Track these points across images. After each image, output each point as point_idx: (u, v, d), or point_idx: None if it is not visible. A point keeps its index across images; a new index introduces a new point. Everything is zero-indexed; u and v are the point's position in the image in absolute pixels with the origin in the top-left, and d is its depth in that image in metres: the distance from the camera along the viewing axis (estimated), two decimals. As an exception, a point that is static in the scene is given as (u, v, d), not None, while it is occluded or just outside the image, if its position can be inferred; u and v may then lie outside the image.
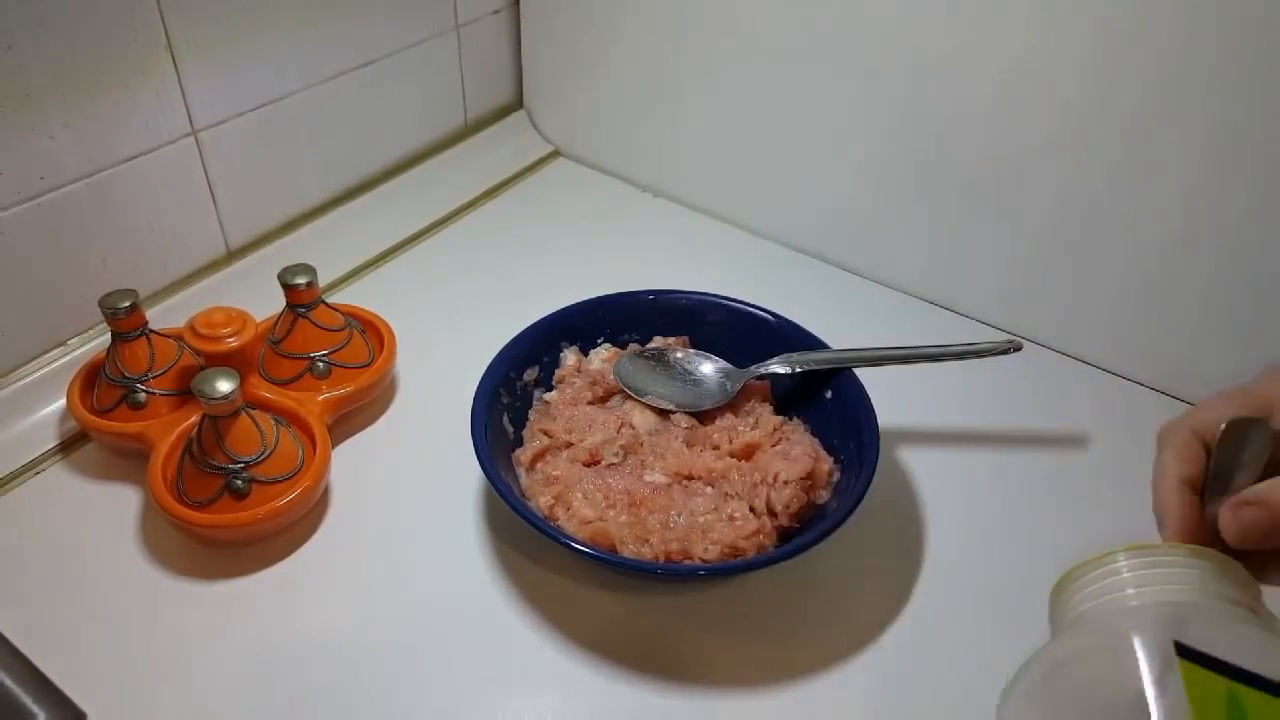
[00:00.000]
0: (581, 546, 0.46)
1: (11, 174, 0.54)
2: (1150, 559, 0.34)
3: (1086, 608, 0.35)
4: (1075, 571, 0.36)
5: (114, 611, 0.48)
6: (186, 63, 0.60)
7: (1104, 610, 0.34)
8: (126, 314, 0.53)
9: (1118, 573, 0.35)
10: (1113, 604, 0.34)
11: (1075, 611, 0.35)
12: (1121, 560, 0.35)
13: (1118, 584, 0.34)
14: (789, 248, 0.76)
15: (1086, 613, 0.35)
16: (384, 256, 0.74)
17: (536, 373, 0.57)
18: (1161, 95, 0.55)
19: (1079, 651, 0.34)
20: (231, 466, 0.50)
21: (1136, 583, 0.34)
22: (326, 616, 0.49)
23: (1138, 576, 0.34)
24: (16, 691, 0.41)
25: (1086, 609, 0.35)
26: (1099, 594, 0.35)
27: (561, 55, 0.83)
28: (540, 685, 0.46)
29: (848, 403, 0.53)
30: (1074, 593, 0.36)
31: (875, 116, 0.67)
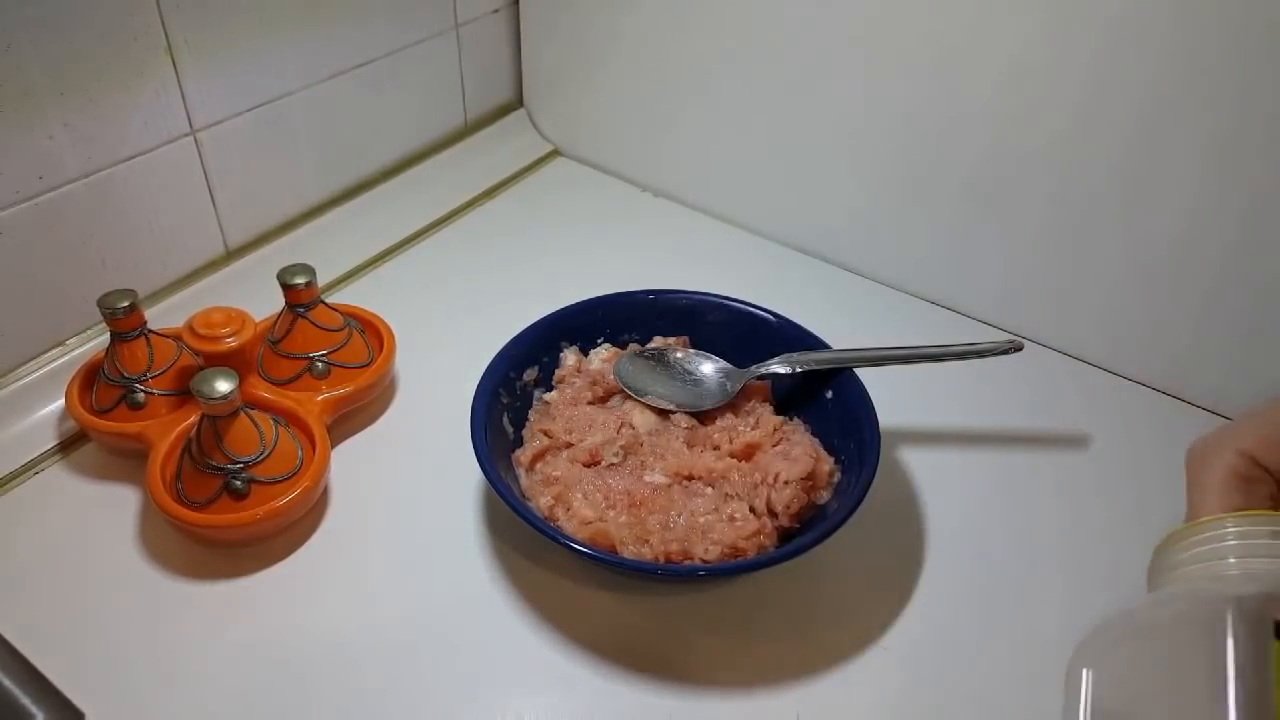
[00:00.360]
0: (581, 547, 0.46)
1: (11, 174, 0.54)
2: (1261, 526, 0.32)
3: (1183, 571, 0.33)
4: (1181, 532, 0.34)
5: (113, 612, 0.48)
6: (186, 63, 0.60)
7: (1200, 576, 0.32)
8: (125, 314, 0.53)
9: (1222, 539, 0.33)
10: (1211, 570, 0.32)
11: (1173, 574, 0.34)
12: (1229, 526, 0.33)
13: (1220, 550, 0.32)
14: (789, 248, 0.76)
15: (1182, 576, 0.33)
16: (383, 256, 0.74)
17: (536, 373, 0.57)
18: (1161, 95, 0.55)
19: (1166, 617, 0.33)
20: (230, 467, 0.50)
21: (1240, 552, 0.32)
22: (326, 617, 0.49)
23: (1243, 546, 0.32)
24: (15, 691, 0.41)
25: (1183, 572, 0.33)
26: (1200, 558, 0.33)
27: (561, 54, 0.83)
28: (540, 685, 0.46)
29: (848, 403, 0.53)
30: (1176, 553, 0.34)
31: (876, 116, 0.67)
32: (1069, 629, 0.47)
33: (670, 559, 0.47)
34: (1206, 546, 0.33)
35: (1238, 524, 0.33)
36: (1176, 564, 0.34)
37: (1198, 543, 0.34)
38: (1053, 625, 0.49)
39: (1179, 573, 0.34)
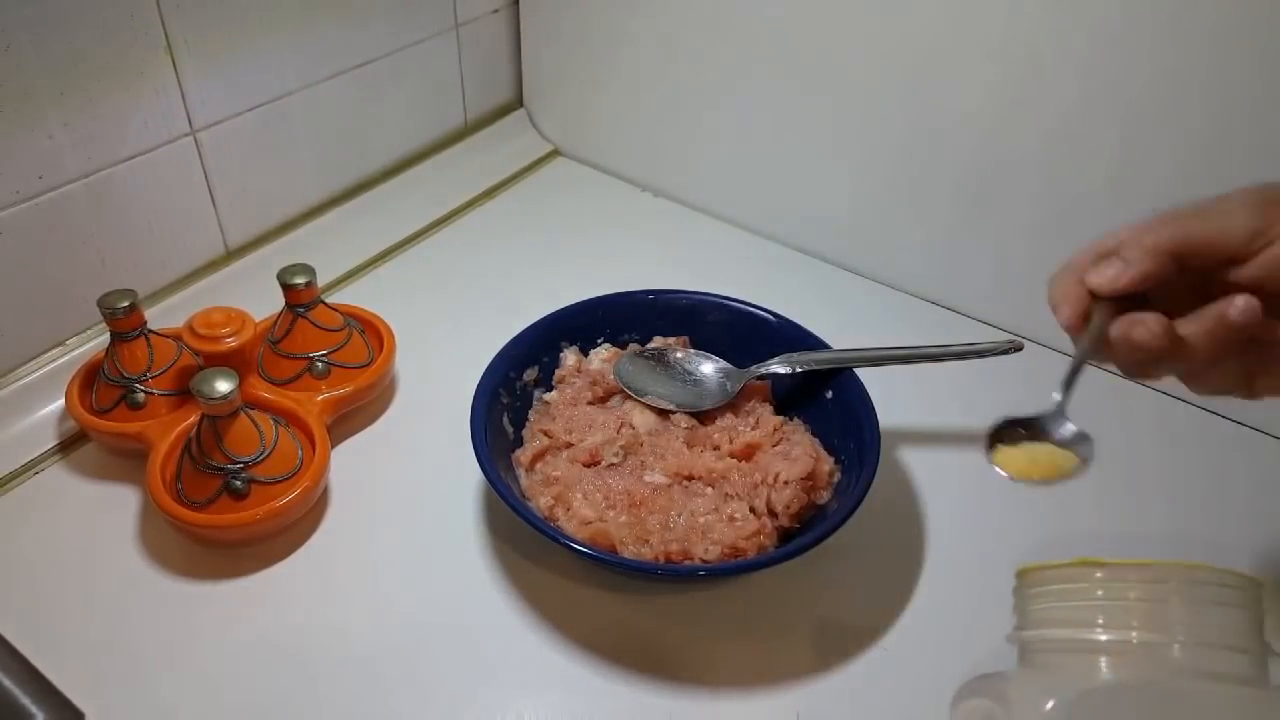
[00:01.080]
0: (581, 547, 0.46)
1: (10, 174, 0.54)
2: (1128, 580, 0.33)
3: (1047, 615, 0.34)
4: (1048, 572, 0.35)
5: (112, 611, 0.48)
6: (186, 63, 0.60)
7: (1062, 635, 0.33)
8: (125, 314, 0.53)
9: (1089, 593, 0.33)
10: (1075, 633, 0.33)
11: (1038, 612, 0.35)
12: (1098, 576, 0.34)
13: (1086, 611, 0.33)
14: (789, 248, 0.76)
15: (1046, 619, 0.34)
16: (383, 256, 0.74)
17: (536, 373, 0.57)
18: (1157, 95, 0.55)
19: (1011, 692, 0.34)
20: (230, 467, 0.50)
21: (1107, 615, 0.33)
22: (325, 617, 0.49)
23: (1110, 607, 0.33)
24: (15, 691, 0.41)
25: (1047, 616, 0.34)
26: (1066, 612, 0.33)
27: (561, 54, 0.83)
28: (540, 685, 0.46)
29: (848, 403, 0.53)
30: (1043, 591, 0.35)
31: (876, 116, 0.67)
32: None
33: (670, 559, 0.47)
34: (1074, 602, 0.34)
35: (1105, 575, 0.34)
36: (1042, 602, 0.35)
37: (1063, 593, 0.34)
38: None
39: (1043, 614, 0.35)
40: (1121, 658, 0.33)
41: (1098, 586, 0.34)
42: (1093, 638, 0.33)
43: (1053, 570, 0.36)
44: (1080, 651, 0.34)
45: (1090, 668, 0.33)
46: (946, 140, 0.64)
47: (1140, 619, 0.33)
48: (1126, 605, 0.33)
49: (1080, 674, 0.33)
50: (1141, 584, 0.33)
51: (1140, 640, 0.33)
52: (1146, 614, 0.33)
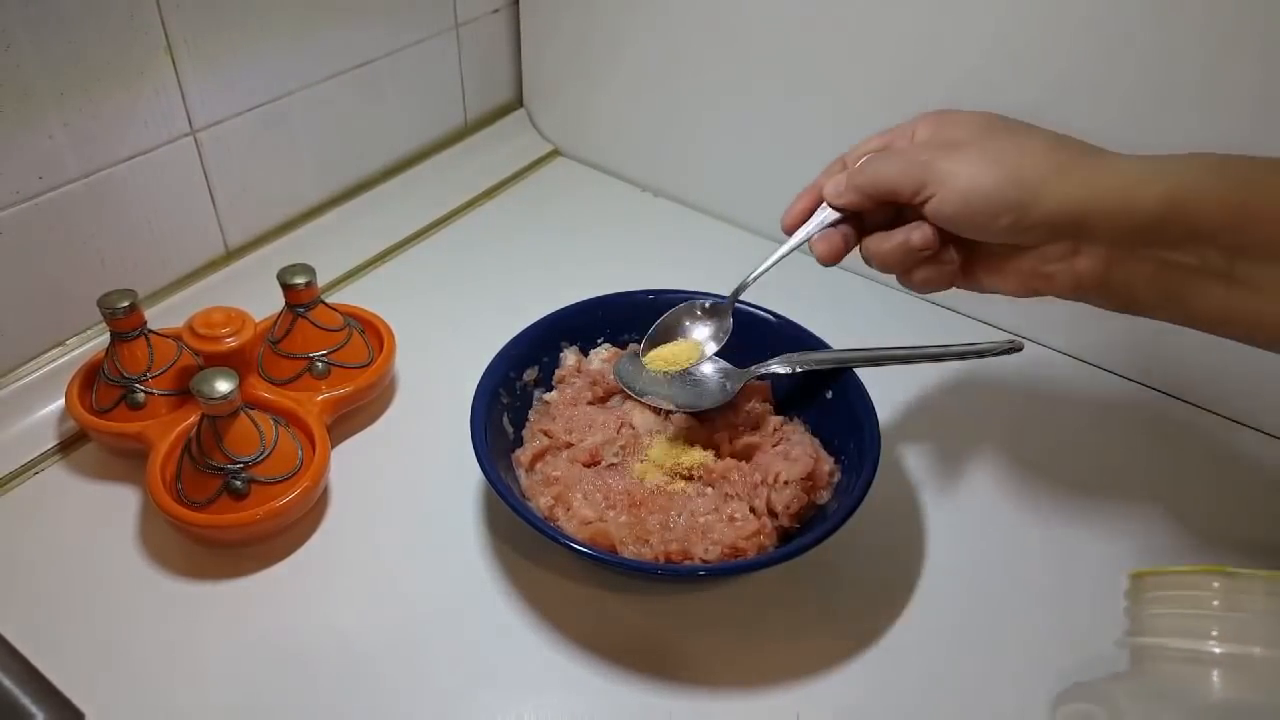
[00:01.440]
0: (581, 547, 0.46)
1: (10, 174, 0.54)
2: (1249, 594, 0.32)
3: (1161, 622, 0.33)
4: (1164, 578, 0.34)
5: (112, 611, 0.48)
6: (186, 62, 0.60)
7: (1175, 643, 0.32)
8: (125, 314, 0.53)
9: (1206, 603, 0.32)
10: (1189, 643, 0.32)
11: (1152, 620, 0.34)
12: (1216, 584, 0.32)
13: (1203, 623, 0.32)
14: (789, 247, 0.76)
15: (1159, 627, 0.33)
16: (383, 256, 0.74)
17: (536, 373, 0.57)
18: (1158, 90, 0.55)
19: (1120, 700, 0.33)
20: (230, 467, 0.50)
21: (1223, 629, 0.31)
22: (325, 617, 0.49)
23: (1228, 620, 0.31)
24: (15, 691, 0.41)
25: (1160, 623, 0.33)
26: (1179, 620, 0.33)
27: (561, 54, 0.83)
28: (540, 685, 0.46)
29: (848, 403, 0.53)
30: (1156, 597, 0.34)
31: (876, 115, 0.67)
32: (1067, 628, 0.48)
33: (670, 559, 0.47)
34: (1192, 610, 0.33)
35: (1224, 585, 0.32)
36: (1155, 608, 0.34)
37: (1178, 599, 0.33)
38: (1052, 624, 0.49)
39: (1156, 622, 0.34)
40: (1241, 673, 0.31)
41: (1216, 596, 0.33)
42: (1210, 649, 0.32)
43: (1171, 576, 0.35)
44: (1197, 663, 0.33)
45: (1206, 681, 0.32)
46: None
47: (1263, 632, 0.32)
48: (1248, 617, 0.32)
49: (1197, 687, 0.32)
50: (1266, 596, 0.32)
51: (1262, 656, 0.31)
52: (1270, 628, 0.32)
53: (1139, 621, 0.36)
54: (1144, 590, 0.36)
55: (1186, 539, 0.53)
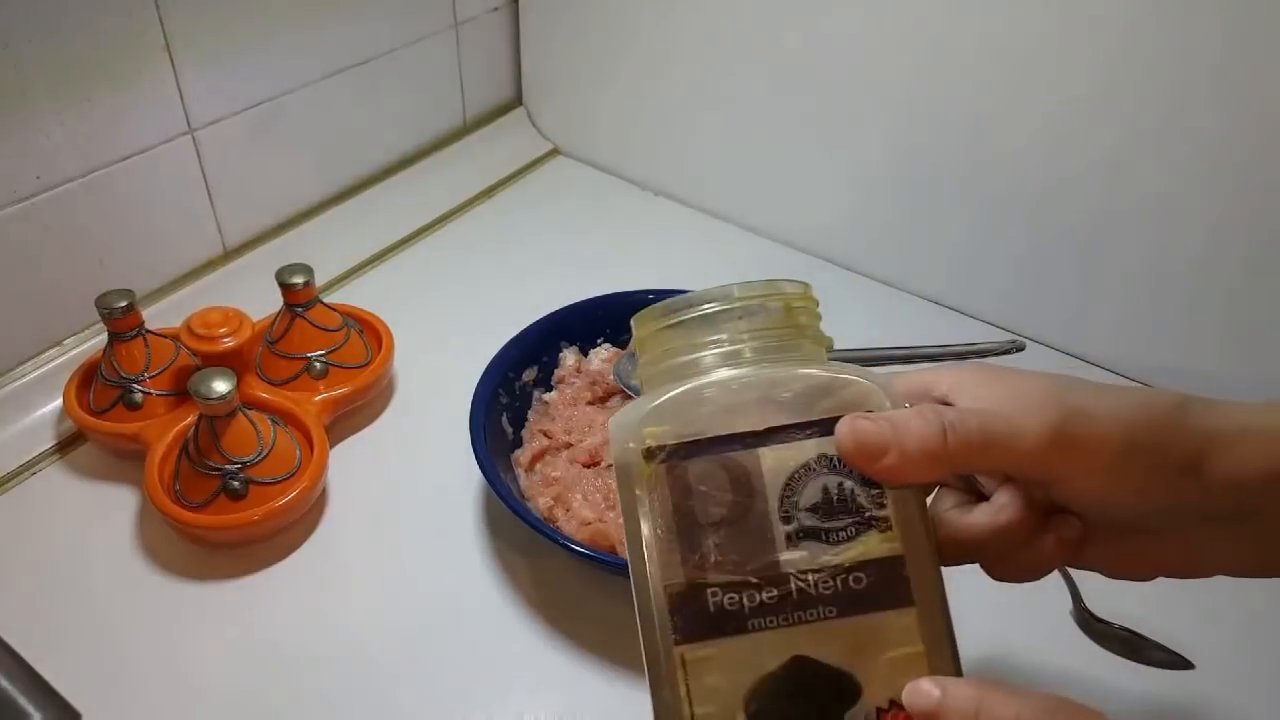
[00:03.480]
0: (581, 548, 0.46)
1: (8, 173, 0.54)
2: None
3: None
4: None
5: (110, 612, 0.48)
6: (184, 61, 0.60)
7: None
8: (123, 314, 0.53)
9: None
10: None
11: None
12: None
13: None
14: (789, 247, 0.76)
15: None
16: (382, 255, 0.74)
17: (536, 373, 0.57)
18: (1168, 94, 0.55)
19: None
20: (228, 467, 0.49)
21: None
22: (324, 617, 0.48)
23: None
24: (11, 692, 0.40)
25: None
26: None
27: (561, 53, 0.83)
28: (540, 685, 0.46)
29: (848, 403, 0.53)
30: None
31: (876, 114, 0.67)
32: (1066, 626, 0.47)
33: (670, 560, 0.47)
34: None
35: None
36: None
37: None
38: (1051, 623, 0.49)
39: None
40: None
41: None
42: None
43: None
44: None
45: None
46: (947, 140, 0.64)
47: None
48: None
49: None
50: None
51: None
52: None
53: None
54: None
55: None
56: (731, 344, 0.32)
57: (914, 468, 0.29)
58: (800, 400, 0.30)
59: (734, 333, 0.32)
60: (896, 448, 0.29)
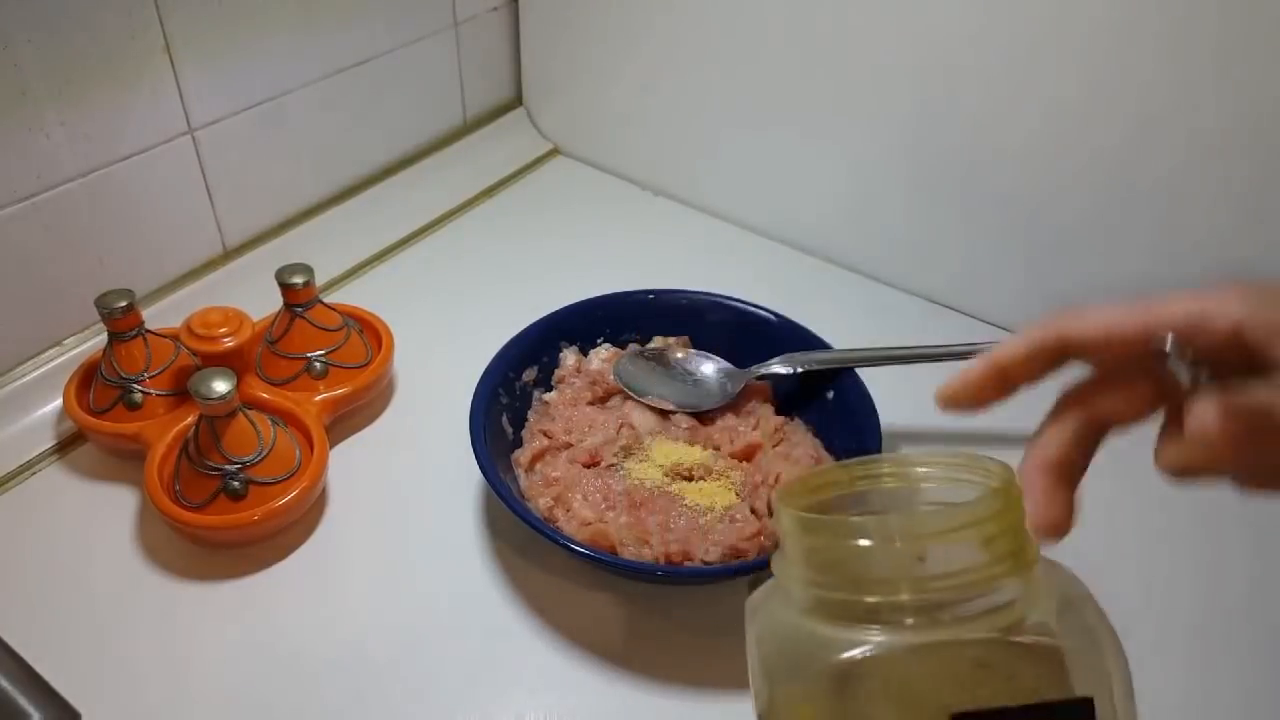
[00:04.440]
0: (581, 548, 0.46)
1: (8, 173, 0.54)
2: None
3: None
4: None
5: (110, 612, 0.48)
6: (183, 61, 0.60)
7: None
8: (123, 314, 0.53)
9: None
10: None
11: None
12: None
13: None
14: (790, 247, 0.76)
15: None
16: (382, 255, 0.74)
17: (536, 373, 0.57)
18: (1170, 93, 0.55)
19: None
20: (228, 467, 0.49)
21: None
22: (324, 617, 0.48)
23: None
24: (11, 692, 0.40)
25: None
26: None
27: (561, 52, 0.83)
28: (540, 685, 0.46)
29: (849, 403, 0.53)
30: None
31: (876, 114, 0.67)
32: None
33: (670, 560, 0.47)
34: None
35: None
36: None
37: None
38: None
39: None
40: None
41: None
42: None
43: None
44: None
45: None
46: (948, 140, 0.64)
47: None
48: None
49: None
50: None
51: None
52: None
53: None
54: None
55: (1187, 527, 0.53)
56: (909, 594, 0.25)
57: (1100, 328, 0.27)
58: (1009, 675, 0.24)
59: (911, 582, 0.25)
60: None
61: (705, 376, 0.57)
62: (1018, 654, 0.25)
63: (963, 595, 0.25)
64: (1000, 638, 0.25)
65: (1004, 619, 0.25)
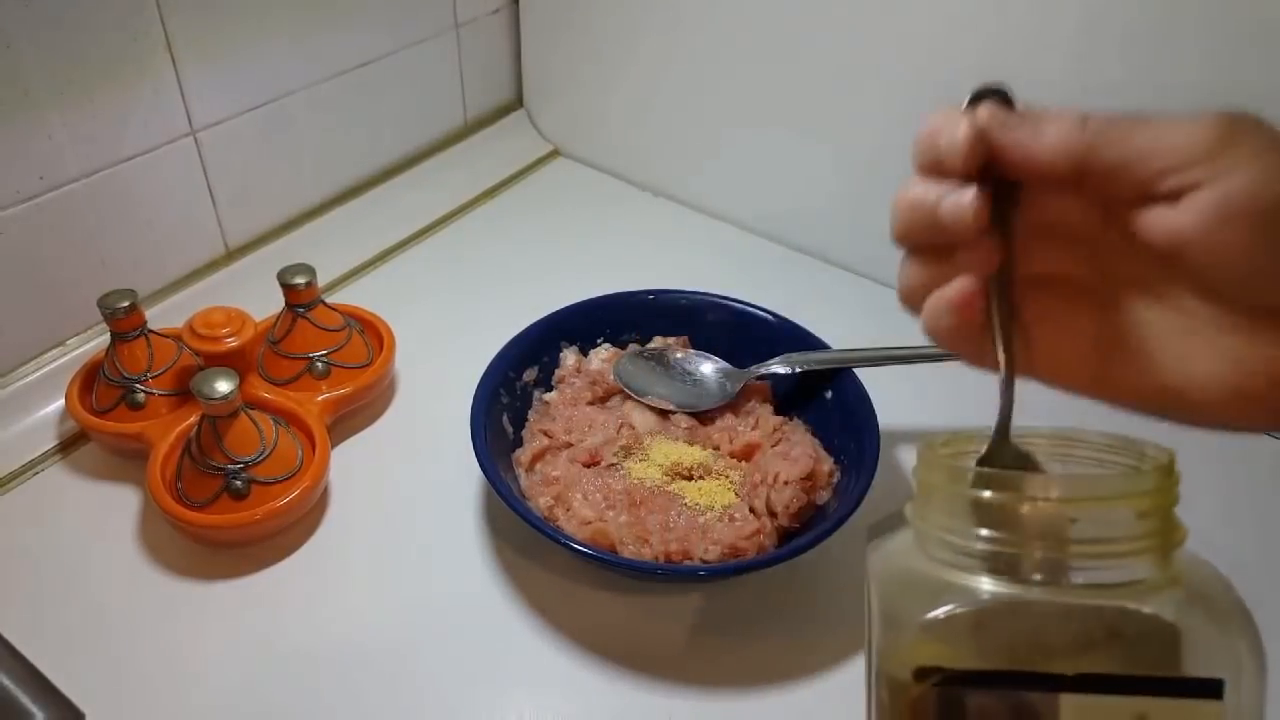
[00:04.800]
0: (581, 547, 0.46)
1: (10, 173, 0.54)
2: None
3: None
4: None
5: (113, 611, 0.48)
6: (186, 62, 0.60)
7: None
8: (125, 314, 0.53)
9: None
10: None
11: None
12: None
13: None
14: (789, 247, 0.76)
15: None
16: (383, 256, 0.74)
17: (536, 373, 0.57)
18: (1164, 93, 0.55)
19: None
20: (230, 467, 0.50)
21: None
22: (325, 617, 0.49)
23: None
24: (15, 691, 0.41)
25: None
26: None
27: (561, 54, 0.83)
28: (540, 685, 0.46)
29: (848, 403, 0.53)
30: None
31: (876, 113, 0.67)
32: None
33: (670, 559, 0.47)
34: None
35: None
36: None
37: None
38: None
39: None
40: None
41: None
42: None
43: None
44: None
45: None
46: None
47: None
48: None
49: None
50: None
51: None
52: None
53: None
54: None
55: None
56: (1054, 553, 0.26)
57: (1046, 149, 0.27)
58: (1132, 646, 0.25)
59: (1059, 542, 0.26)
60: (1033, 126, 0.28)
61: (704, 376, 0.57)
62: (1145, 628, 0.25)
63: (1103, 564, 0.26)
64: (1132, 609, 0.25)
65: (1137, 594, 0.25)
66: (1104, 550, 0.26)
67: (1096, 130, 0.27)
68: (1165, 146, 0.26)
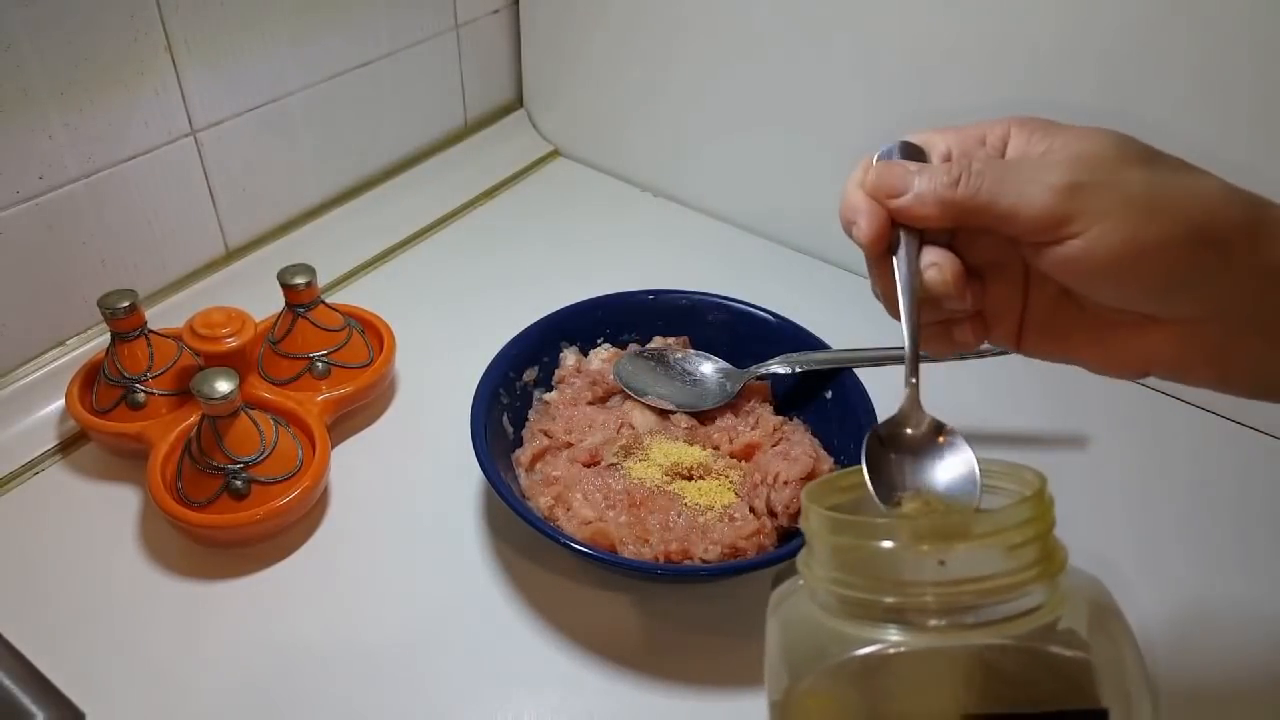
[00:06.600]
0: (581, 547, 0.46)
1: (11, 174, 0.54)
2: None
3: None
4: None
5: (113, 611, 0.48)
6: (186, 62, 0.60)
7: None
8: (125, 314, 0.53)
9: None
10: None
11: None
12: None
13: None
14: (789, 247, 0.76)
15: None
16: (383, 256, 0.74)
17: (536, 373, 0.57)
18: (1163, 93, 0.55)
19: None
20: (231, 467, 0.50)
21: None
22: (326, 616, 0.49)
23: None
24: (15, 691, 0.41)
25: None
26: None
27: (561, 55, 0.83)
28: (540, 685, 0.46)
29: (848, 403, 0.53)
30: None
31: (875, 113, 0.67)
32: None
33: (670, 559, 0.47)
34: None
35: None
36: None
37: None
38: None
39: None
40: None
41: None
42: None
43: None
44: None
45: None
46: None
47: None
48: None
49: None
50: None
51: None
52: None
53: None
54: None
55: (1185, 527, 0.53)
56: (931, 597, 0.26)
57: (923, 208, 0.33)
58: (1016, 681, 0.25)
59: (934, 586, 0.26)
60: (914, 190, 0.33)
61: (704, 376, 0.57)
62: (1039, 661, 0.25)
63: (986, 600, 0.26)
64: (1021, 644, 0.25)
65: (1029, 624, 0.26)
66: (980, 588, 0.26)
67: (966, 194, 0.32)
68: (1022, 217, 0.31)
